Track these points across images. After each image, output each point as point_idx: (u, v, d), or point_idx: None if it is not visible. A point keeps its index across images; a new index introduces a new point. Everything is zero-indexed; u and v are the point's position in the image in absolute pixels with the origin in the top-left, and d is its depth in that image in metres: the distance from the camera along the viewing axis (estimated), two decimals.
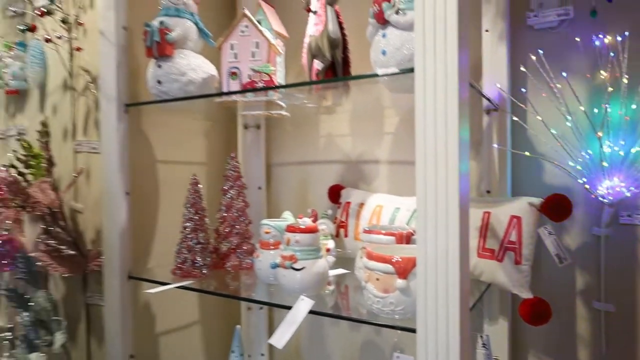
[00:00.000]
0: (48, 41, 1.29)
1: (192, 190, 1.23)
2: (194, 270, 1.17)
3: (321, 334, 1.61)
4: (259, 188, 1.63)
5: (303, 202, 1.64)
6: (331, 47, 0.95)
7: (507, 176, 1.23)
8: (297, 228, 0.98)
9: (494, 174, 1.24)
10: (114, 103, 1.16)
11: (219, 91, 1.19)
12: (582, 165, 1.09)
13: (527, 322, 1.03)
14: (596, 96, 1.13)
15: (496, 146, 1.20)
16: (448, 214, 0.74)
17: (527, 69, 1.18)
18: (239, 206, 1.26)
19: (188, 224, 1.19)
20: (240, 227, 1.26)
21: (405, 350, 0.94)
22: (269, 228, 1.11)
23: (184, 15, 1.19)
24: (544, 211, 1.04)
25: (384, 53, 0.88)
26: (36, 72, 1.39)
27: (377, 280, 0.83)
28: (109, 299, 1.19)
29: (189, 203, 1.20)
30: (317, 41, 0.99)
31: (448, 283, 0.74)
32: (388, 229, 1.09)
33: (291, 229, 0.99)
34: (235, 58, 1.16)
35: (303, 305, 0.90)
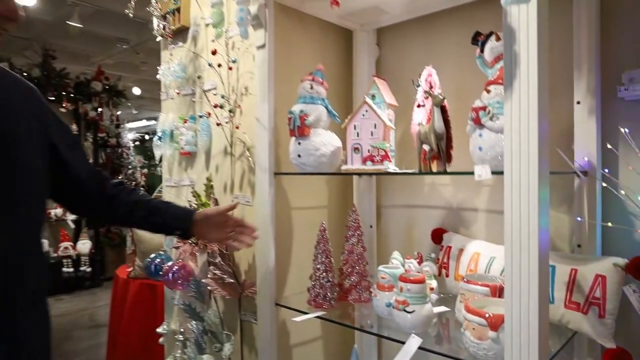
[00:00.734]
0: (218, 125, 1.72)
1: (321, 236, 1.56)
2: (325, 302, 1.50)
3: None
4: (371, 226, 1.93)
5: (409, 240, 1.90)
6: (437, 139, 1.21)
7: (596, 232, 1.38)
8: (409, 279, 1.26)
9: (584, 229, 1.40)
10: (266, 173, 1.53)
11: (343, 159, 1.51)
12: None
13: None
14: None
15: (579, 219, 1.36)
16: (530, 268, 0.96)
17: (618, 139, 1.33)
18: (358, 251, 1.57)
19: (320, 265, 1.52)
20: (359, 268, 1.56)
21: None
22: (384, 274, 1.39)
23: (317, 101, 1.53)
24: (629, 271, 1.19)
25: (480, 149, 1.13)
26: (204, 140, 1.84)
27: (474, 329, 1.07)
28: (261, 320, 1.57)
29: (320, 249, 1.54)
30: (425, 132, 1.25)
31: (529, 334, 0.97)
32: (484, 279, 1.32)
33: (404, 279, 1.27)
34: (358, 136, 1.47)
35: (414, 342, 1.18)
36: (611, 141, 1.33)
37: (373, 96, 1.59)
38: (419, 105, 1.38)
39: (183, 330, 2.00)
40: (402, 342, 1.21)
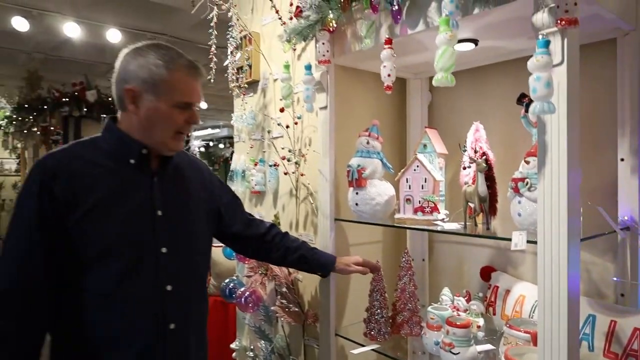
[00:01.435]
0: (286, 174, 1.96)
1: (377, 277, 1.74)
2: (379, 336, 1.68)
3: None
4: (423, 260, 2.08)
5: (459, 275, 2.03)
6: (480, 201, 1.36)
7: (639, 285, 1.46)
8: (455, 324, 1.41)
9: (627, 279, 1.48)
10: (328, 219, 1.74)
11: (396, 208, 1.68)
12: None
13: None
14: None
15: (615, 279, 1.44)
16: (560, 333, 1.09)
17: None
18: (410, 290, 1.73)
19: (375, 302, 1.70)
20: (411, 305, 1.73)
21: None
22: (434, 315, 1.56)
23: (373, 155, 1.71)
24: None
25: (519, 215, 1.26)
26: (272, 183, 2.09)
27: None
28: (323, 349, 1.78)
29: (376, 289, 1.72)
30: (470, 192, 1.40)
31: None
32: (526, 325, 1.44)
33: (451, 324, 1.42)
34: (409, 189, 1.63)
35: None
36: None
37: (424, 145, 1.75)
38: (464, 168, 1.53)
39: (253, 347, 2.26)
40: None
